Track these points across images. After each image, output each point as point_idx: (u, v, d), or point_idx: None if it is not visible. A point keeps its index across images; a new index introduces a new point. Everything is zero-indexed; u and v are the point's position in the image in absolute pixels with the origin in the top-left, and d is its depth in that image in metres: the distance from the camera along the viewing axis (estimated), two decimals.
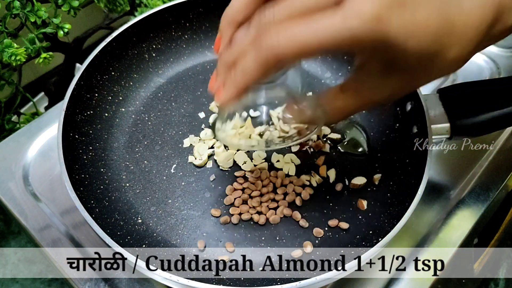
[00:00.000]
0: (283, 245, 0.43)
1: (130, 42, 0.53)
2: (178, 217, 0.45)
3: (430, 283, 0.44)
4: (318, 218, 0.45)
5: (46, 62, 0.52)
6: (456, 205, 0.50)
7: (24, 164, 0.52)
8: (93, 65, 0.49)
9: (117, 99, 0.52)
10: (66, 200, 0.49)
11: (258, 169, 0.48)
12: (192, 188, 0.47)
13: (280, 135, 0.51)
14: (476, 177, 0.52)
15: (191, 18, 0.56)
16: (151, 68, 0.55)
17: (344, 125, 0.52)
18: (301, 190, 0.46)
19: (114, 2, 0.62)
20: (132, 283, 0.44)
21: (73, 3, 0.53)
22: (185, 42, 0.57)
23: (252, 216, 0.45)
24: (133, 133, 0.51)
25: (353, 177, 0.47)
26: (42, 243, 0.46)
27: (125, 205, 0.45)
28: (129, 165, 0.48)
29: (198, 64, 0.57)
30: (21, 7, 0.50)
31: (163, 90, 0.55)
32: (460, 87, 0.45)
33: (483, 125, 0.43)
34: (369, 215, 0.45)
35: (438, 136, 0.44)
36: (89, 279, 0.44)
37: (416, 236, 0.47)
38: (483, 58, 0.65)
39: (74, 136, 0.46)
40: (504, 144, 0.55)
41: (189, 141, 0.50)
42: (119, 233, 0.41)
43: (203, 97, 0.54)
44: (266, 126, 0.51)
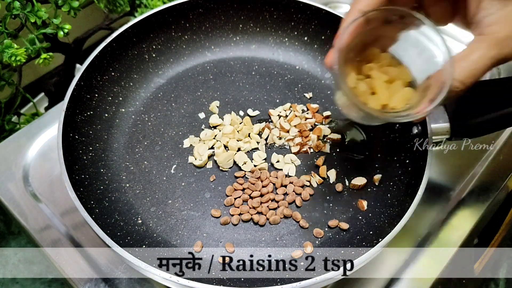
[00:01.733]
0: (283, 246, 0.43)
1: (130, 42, 0.53)
2: (178, 218, 0.45)
3: (430, 283, 0.44)
4: (318, 218, 0.45)
5: (46, 62, 0.52)
6: (456, 205, 0.50)
7: (24, 164, 0.52)
8: (93, 66, 0.49)
9: (117, 99, 0.52)
10: (66, 200, 0.49)
11: (258, 169, 0.48)
12: (192, 189, 0.47)
13: (280, 134, 0.51)
14: (476, 177, 0.52)
15: (191, 18, 0.56)
16: (151, 69, 0.55)
17: (344, 126, 0.52)
18: (301, 190, 0.46)
19: (114, 3, 0.62)
20: (132, 283, 0.44)
21: (73, 3, 0.53)
22: (185, 42, 0.57)
23: (252, 217, 0.45)
24: (133, 133, 0.51)
25: (353, 177, 0.47)
26: (42, 243, 0.46)
27: (125, 206, 0.45)
28: (129, 165, 0.48)
29: (198, 64, 0.57)
30: (21, 8, 0.50)
31: (163, 91, 0.55)
32: None
33: (483, 125, 0.43)
34: (369, 215, 0.45)
35: (438, 136, 0.44)
36: (89, 279, 0.44)
37: (416, 236, 0.47)
38: None
39: (74, 136, 0.46)
40: (504, 144, 0.55)
41: (189, 142, 0.50)
42: (119, 234, 0.41)
43: (203, 97, 0.54)
44: (265, 124, 0.51)
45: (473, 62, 0.34)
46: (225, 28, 0.58)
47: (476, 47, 0.34)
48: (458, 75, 0.34)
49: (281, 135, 0.51)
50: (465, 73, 0.34)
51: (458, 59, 0.34)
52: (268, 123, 0.52)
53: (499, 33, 0.33)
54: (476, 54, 0.34)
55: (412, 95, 0.37)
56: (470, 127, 0.43)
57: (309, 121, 0.52)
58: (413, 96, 0.37)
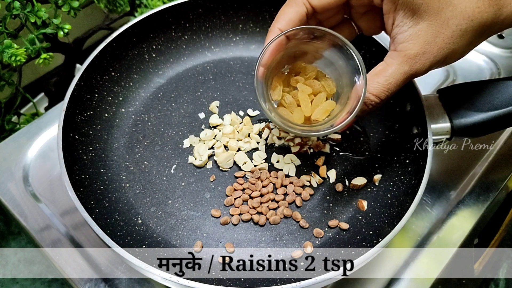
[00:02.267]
0: (283, 246, 0.43)
1: (130, 42, 0.53)
2: (178, 218, 0.45)
3: (430, 283, 0.44)
4: (318, 218, 0.45)
5: (46, 62, 0.52)
6: (456, 205, 0.50)
7: (24, 164, 0.52)
8: (93, 66, 0.49)
9: (117, 99, 0.52)
10: (66, 200, 0.49)
11: (258, 169, 0.48)
12: (192, 189, 0.47)
13: (280, 134, 0.51)
14: (476, 177, 0.52)
15: (191, 18, 0.56)
16: (151, 69, 0.55)
17: None
18: (301, 190, 0.46)
19: (114, 3, 0.62)
20: (132, 283, 0.44)
21: (73, 3, 0.53)
22: (185, 42, 0.57)
23: (252, 217, 0.45)
24: (133, 133, 0.51)
25: (353, 177, 0.47)
26: (42, 243, 0.46)
27: (125, 206, 0.45)
28: (129, 165, 0.48)
29: (198, 64, 0.57)
30: (21, 8, 0.50)
31: (163, 91, 0.55)
32: (460, 87, 0.45)
33: (483, 125, 0.43)
34: (369, 215, 0.45)
35: (438, 136, 0.44)
36: (89, 279, 0.44)
37: (416, 236, 0.47)
38: (483, 58, 0.65)
39: (74, 136, 0.46)
40: (504, 144, 0.55)
41: (189, 142, 0.50)
42: (119, 234, 0.41)
43: (203, 97, 0.54)
44: (265, 124, 0.51)
45: (386, 78, 0.37)
46: (225, 28, 0.58)
47: (389, 63, 0.37)
48: (373, 89, 0.37)
49: (281, 135, 0.51)
50: (380, 88, 0.37)
51: (373, 75, 0.37)
52: (268, 123, 0.52)
53: (410, 50, 0.36)
54: (389, 70, 0.37)
55: (333, 107, 0.40)
56: (470, 127, 0.43)
57: None
58: (334, 108, 0.40)
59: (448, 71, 0.63)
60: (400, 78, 0.37)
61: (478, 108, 0.43)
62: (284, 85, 0.42)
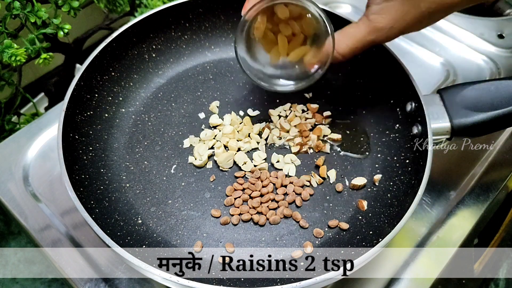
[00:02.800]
0: (283, 246, 0.43)
1: (130, 42, 0.53)
2: (178, 218, 0.45)
3: (430, 283, 0.44)
4: (318, 218, 0.45)
5: (46, 62, 0.52)
6: (456, 205, 0.50)
7: (24, 164, 0.52)
8: (93, 66, 0.49)
9: (117, 99, 0.52)
10: (66, 200, 0.49)
11: (258, 169, 0.48)
12: (192, 189, 0.47)
13: (280, 134, 0.51)
14: (476, 177, 0.52)
15: (191, 18, 0.56)
16: (151, 69, 0.55)
17: (345, 125, 0.52)
18: (301, 190, 0.46)
19: (114, 3, 0.62)
20: (132, 283, 0.44)
21: (73, 3, 0.53)
22: (185, 42, 0.57)
23: (252, 217, 0.45)
24: (133, 133, 0.51)
25: (353, 177, 0.47)
26: (42, 243, 0.46)
27: (125, 206, 0.45)
28: (129, 165, 0.48)
29: (198, 64, 0.57)
30: (21, 8, 0.50)
31: (163, 91, 0.55)
32: (460, 87, 0.45)
33: (483, 125, 0.43)
34: (369, 215, 0.45)
35: (438, 136, 0.44)
36: (89, 279, 0.44)
37: (416, 236, 0.47)
38: (483, 58, 0.65)
39: (74, 136, 0.46)
40: (504, 144, 0.55)
41: (189, 142, 0.50)
42: (119, 234, 0.41)
43: (203, 97, 0.54)
44: (265, 124, 0.51)
45: (353, 41, 0.42)
46: (225, 28, 0.58)
47: (360, 29, 0.42)
48: (339, 48, 0.42)
49: (281, 135, 0.51)
50: (345, 49, 0.42)
51: (342, 35, 0.42)
52: (268, 123, 0.52)
53: (379, 23, 0.40)
54: (358, 36, 0.42)
55: (307, 52, 0.44)
56: (470, 127, 0.43)
57: (309, 121, 0.52)
58: (308, 53, 0.44)
59: (448, 71, 0.63)
60: (366, 44, 0.42)
61: (478, 108, 0.43)
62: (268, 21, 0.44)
